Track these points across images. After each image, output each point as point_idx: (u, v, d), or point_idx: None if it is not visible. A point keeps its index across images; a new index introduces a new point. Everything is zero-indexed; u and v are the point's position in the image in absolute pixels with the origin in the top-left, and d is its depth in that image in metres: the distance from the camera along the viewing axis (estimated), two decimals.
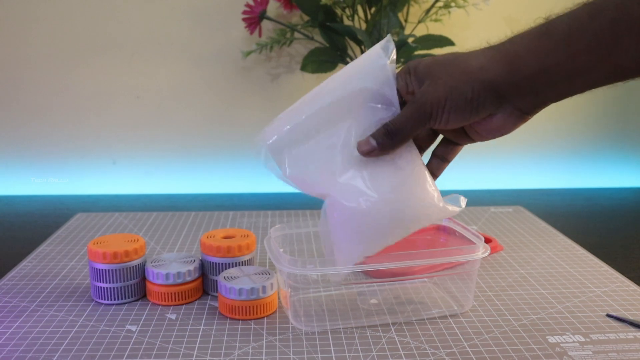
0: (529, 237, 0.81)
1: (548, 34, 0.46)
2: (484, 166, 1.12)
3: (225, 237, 0.63)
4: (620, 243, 0.81)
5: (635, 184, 1.14)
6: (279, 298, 0.60)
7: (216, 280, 0.61)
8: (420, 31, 0.94)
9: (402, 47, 0.88)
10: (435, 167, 0.56)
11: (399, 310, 0.59)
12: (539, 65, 0.46)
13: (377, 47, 0.53)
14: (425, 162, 0.55)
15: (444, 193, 0.53)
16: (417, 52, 0.91)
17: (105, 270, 0.59)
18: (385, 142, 0.51)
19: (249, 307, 0.56)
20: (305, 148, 0.52)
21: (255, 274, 0.59)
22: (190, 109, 1.06)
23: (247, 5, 0.93)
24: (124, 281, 0.60)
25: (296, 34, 0.97)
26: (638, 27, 0.42)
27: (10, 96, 1.04)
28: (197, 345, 0.52)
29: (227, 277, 0.58)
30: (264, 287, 0.56)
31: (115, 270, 0.59)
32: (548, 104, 0.49)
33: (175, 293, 0.60)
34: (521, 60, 0.47)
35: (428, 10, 0.94)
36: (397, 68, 0.99)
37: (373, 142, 0.51)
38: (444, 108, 0.49)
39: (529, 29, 0.48)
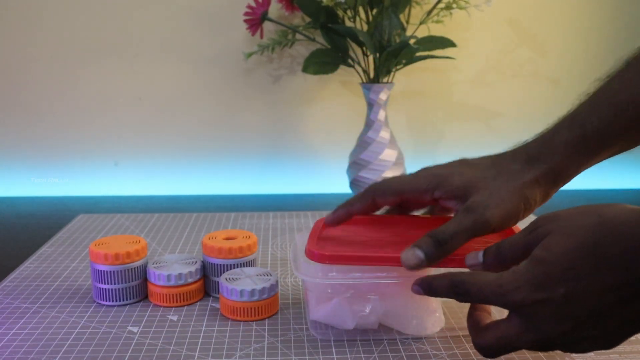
0: None
1: None
2: None
3: (227, 239, 0.63)
4: None
5: (637, 186, 1.14)
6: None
7: (218, 282, 0.61)
8: (422, 32, 0.95)
9: (404, 49, 0.88)
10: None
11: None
12: None
13: None
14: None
15: None
16: (418, 54, 0.91)
17: (106, 271, 0.59)
18: (434, 253, 0.48)
19: (251, 308, 0.56)
20: None
21: (257, 275, 0.59)
22: (192, 110, 1.07)
23: (249, 6, 0.94)
24: (125, 282, 0.60)
25: (298, 36, 0.98)
26: None
27: (12, 97, 1.04)
28: (198, 346, 0.52)
29: (229, 279, 0.58)
30: (265, 289, 0.56)
31: (117, 271, 0.59)
32: None
33: (176, 294, 0.60)
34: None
35: (429, 12, 0.94)
36: (397, 68, 0.99)
37: (420, 254, 0.48)
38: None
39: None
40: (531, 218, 0.48)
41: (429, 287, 0.47)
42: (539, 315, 0.41)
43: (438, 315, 0.53)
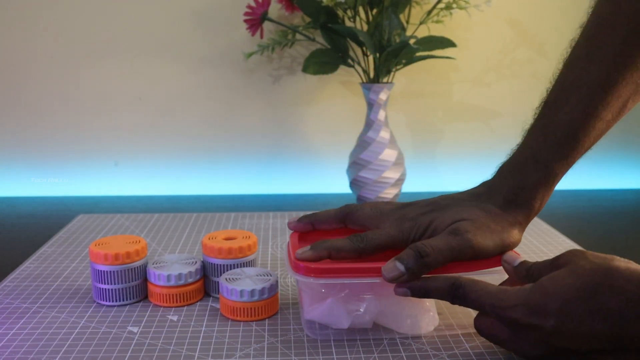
0: (530, 239, 0.81)
1: None
2: (485, 168, 1.12)
3: (227, 239, 0.63)
4: (622, 244, 0.81)
5: (637, 185, 1.14)
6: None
7: (217, 282, 0.61)
8: (422, 32, 0.95)
9: (404, 49, 0.88)
10: None
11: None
12: None
13: None
14: None
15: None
16: (418, 54, 0.91)
17: (106, 271, 0.59)
18: (415, 267, 0.48)
19: (251, 308, 0.56)
20: None
21: (257, 275, 0.59)
22: (192, 110, 1.07)
23: (249, 6, 0.94)
24: (125, 282, 0.60)
25: (297, 36, 0.98)
26: None
27: (12, 97, 1.04)
28: (198, 346, 0.52)
29: (229, 279, 0.58)
30: (265, 289, 0.56)
31: (117, 271, 0.59)
32: None
33: (176, 294, 0.60)
34: None
35: (429, 12, 0.94)
36: (397, 68, 0.99)
37: (401, 267, 0.49)
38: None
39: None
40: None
41: (422, 288, 0.49)
42: (526, 336, 0.45)
43: (432, 315, 0.54)
